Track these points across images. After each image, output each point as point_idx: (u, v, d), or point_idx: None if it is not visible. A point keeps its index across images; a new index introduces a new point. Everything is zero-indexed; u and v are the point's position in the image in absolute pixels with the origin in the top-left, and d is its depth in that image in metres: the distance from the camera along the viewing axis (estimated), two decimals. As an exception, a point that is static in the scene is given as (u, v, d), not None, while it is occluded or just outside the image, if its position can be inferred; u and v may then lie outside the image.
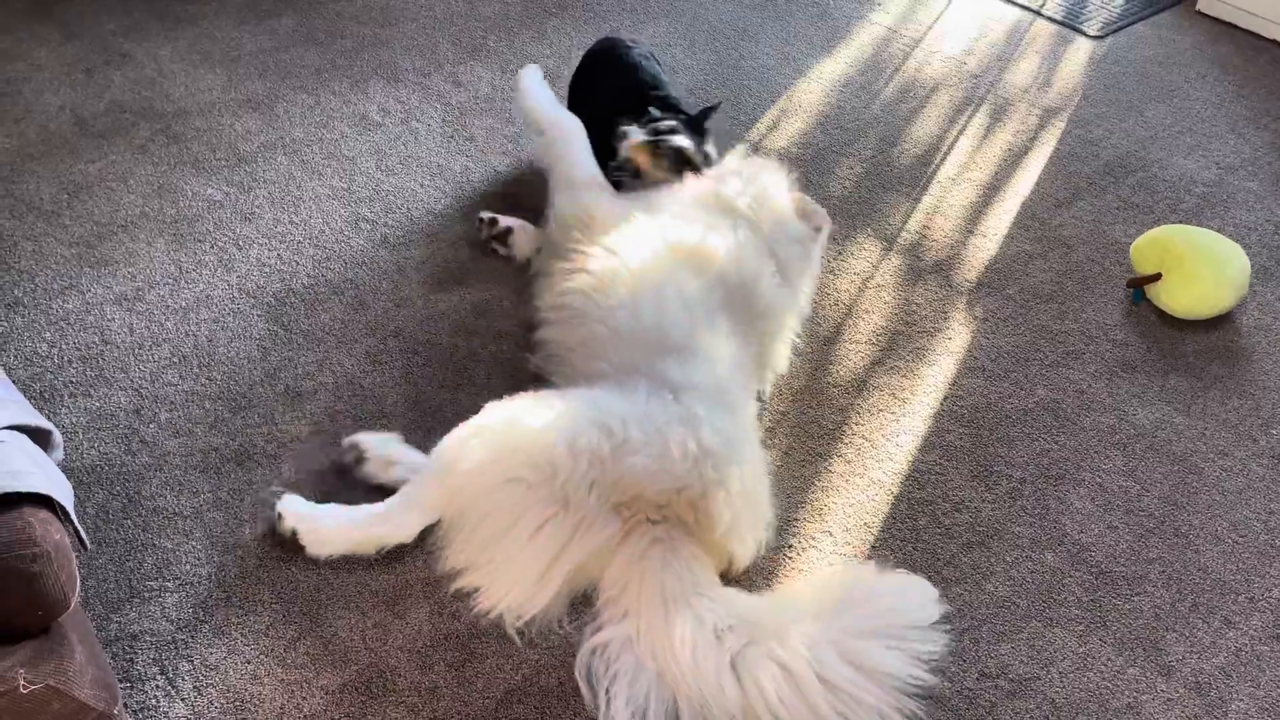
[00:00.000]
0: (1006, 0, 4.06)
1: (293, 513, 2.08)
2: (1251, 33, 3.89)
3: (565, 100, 2.96)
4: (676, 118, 2.67)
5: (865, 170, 3.19)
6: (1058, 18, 3.95)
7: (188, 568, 2.08)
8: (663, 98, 2.77)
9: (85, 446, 2.28)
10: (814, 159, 3.21)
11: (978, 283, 2.84)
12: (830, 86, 3.53)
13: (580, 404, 2.01)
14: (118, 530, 2.14)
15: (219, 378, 2.44)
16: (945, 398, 2.52)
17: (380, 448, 2.19)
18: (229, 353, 2.50)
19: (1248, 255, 2.75)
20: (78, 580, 1.57)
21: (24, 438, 1.70)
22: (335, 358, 2.50)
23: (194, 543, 2.12)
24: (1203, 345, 2.69)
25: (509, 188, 3.01)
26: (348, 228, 2.85)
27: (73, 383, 2.41)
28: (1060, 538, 2.24)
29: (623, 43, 2.98)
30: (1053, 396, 2.54)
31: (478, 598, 1.98)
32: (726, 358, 2.20)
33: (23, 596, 1.50)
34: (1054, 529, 2.25)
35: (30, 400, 2.12)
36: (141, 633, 1.97)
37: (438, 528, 2.06)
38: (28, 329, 2.53)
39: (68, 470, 2.14)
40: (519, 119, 2.73)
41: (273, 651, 1.96)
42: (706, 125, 2.71)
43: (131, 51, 3.47)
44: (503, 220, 2.74)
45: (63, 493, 1.64)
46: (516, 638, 1.97)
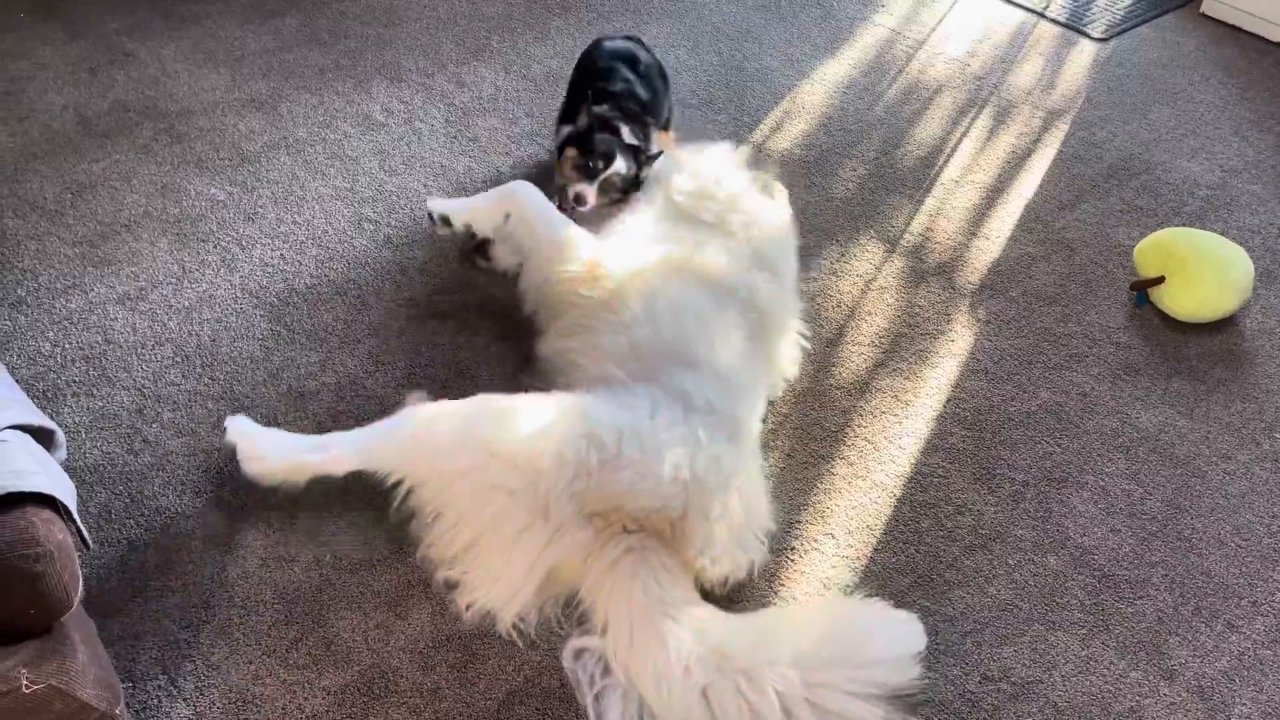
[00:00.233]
0: (1010, 2, 4.05)
1: (237, 429, 2.13)
2: (1256, 35, 3.89)
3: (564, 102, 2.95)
4: (615, 141, 2.63)
5: (868, 172, 3.18)
6: (1061, 20, 3.95)
7: (190, 567, 2.08)
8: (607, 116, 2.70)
9: (88, 446, 2.28)
10: (817, 160, 3.21)
11: (980, 285, 2.83)
12: (833, 88, 3.53)
13: (575, 413, 2.00)
14: (120, 530, 2.14)
15: (222, 377, 2.45)
16: (948, 400, 2.52)
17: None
18: (232, 353, 2.50)
19: (1251, 258, 2.75)
20: (80, 580, 1.57)
21: (27, 437, 1.70)
22: (338, 358, 2.50)
23: (196, 542, 2.12)
24: (1206, 348, 2.69)
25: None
26: (351, 228, 2.86)
27: (75, 382, 2.41)
28: (1063, 541, 2.24)
29: (609, 48, 2.95)
30: (1055, 399, 2.54)
31: (459, 594, 1.99)
32: (740, 377, 2.20)
33: (25, 596, 1.50)
34: (1056, 532, 2.25)
35: (33, 399, 2.13)
36: (144, 632, 1.97)
37: (417, 518, 2.05)
38: (31, 328, 2.53)
39: (70, 470, 2.14)
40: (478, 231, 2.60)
41: (275, 652, 1.96)
42: (644, 155, 2.68)
43: (135, 51, 3.47)
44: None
45: (66, 492, 1.64)
46: (517, 639, 1.97)
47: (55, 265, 2.70)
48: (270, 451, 2.11)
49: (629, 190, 2.66)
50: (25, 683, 1.47)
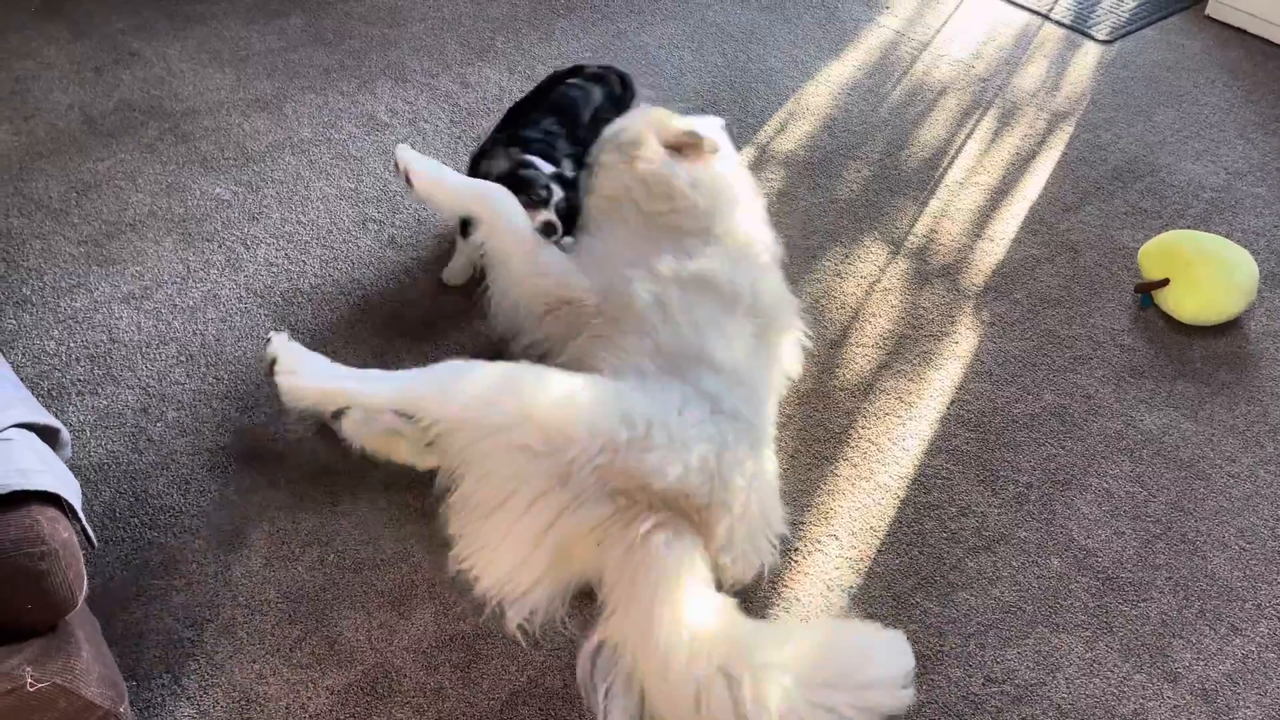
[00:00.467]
0: (1015, 4, 4.05)
1: (280, 341, 2.18)
2: (1261, 38, 3.88)
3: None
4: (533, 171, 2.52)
5: (872, 173, 3.18)
6: (1066, 22, 3.95)
7: (194, 566, 2.08)
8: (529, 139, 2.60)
9: (93, 445, 2.29)
10: (821, 162, 3.21)
11: (985, 287, 2.83)
12: (838, 89, 3.53)
13: (609, 391, 2.01)
14: (124, 529, 2.14)
15: (226, 377, 2.45)
16: (952, 402, 2.52)
17: None
18: (236, 352, 2.51)
19: (1256, 261, 2.75)
20: (85, 578, 1.58)
21: (32, 436, 1.70)
22: (342, 357, 2.48)
23: (201, 541, 2.12)
24: (1210, 351, 2.68)
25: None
26: (355, 228, 2.86)
27: (80, 381, 2.42)
28: (1067, 543, 2.24)
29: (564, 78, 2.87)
30: (1060, 401, 2.53)
31: (467, 566, 1.98)
32: (761, 386, 2.20)
33: (30, 594, 1.50)
34: (1060, 534, 2.25)
35: (38, 398, 2.13)
36: (148, 631, 1.98)
37: (440, 469, 2.05)
38: (36, 327, 2.54)
39: (75, 468, 2.15)
40: (431, 209, 2.49)
41: (278, 651, 1.96)
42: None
43: (140, 50, 3.48)
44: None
45: (70, 491, 1.64)
46: (522, 639, 1.97)
47: (60, 264, 2.70)
48: (309, 369, 2.12)
49: (572, 217, 2.53)
50: (30, 681, 1.48)
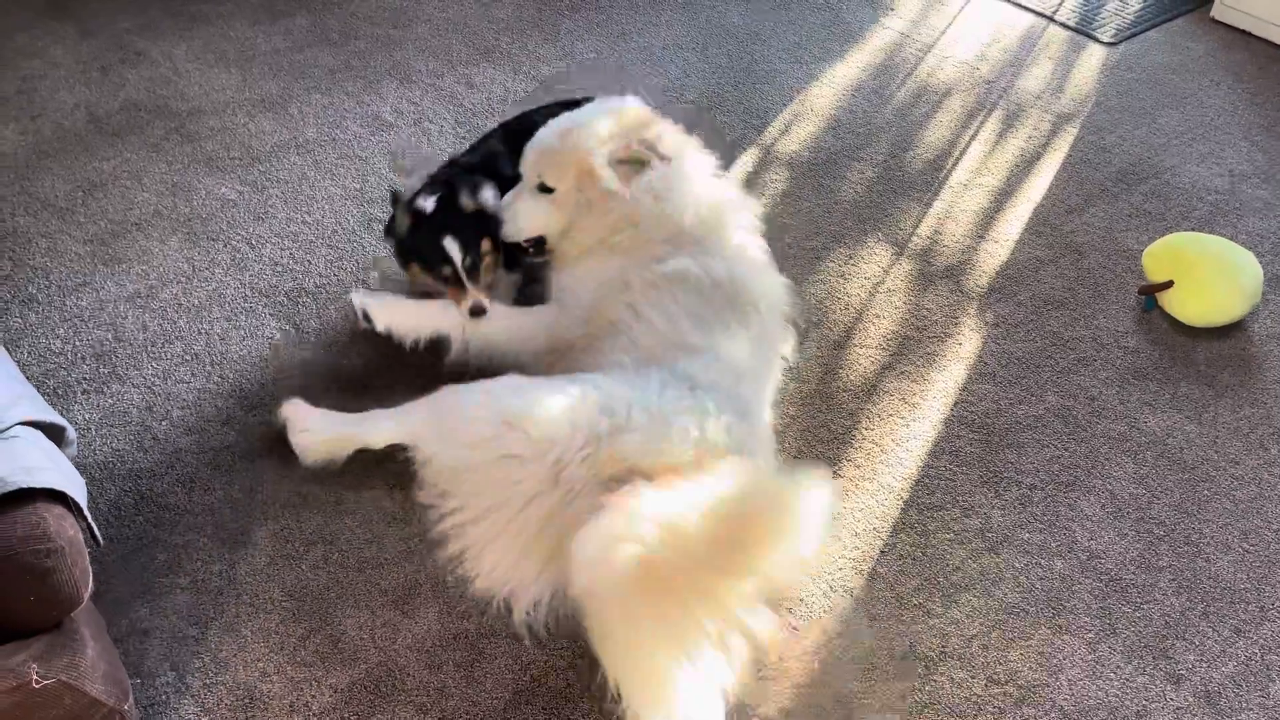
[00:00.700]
0: (1019, 6, 4.05)
1: (289, 408, 2.25)
2: (1266, 40, 3.88)
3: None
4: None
5: (877, 175, 3.19)
6: (1071, 24, 3.95)
7: (199, 565, 2.09)
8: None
9: (98, 443, 2.29)
10: (825, 163, 3.21)
11: (989, 288, 2.83)
12: (842, 91, 3.53)
13: (587, 386, 2.02)
14: (129, 527, 2.15)
15: (231, 376, 2.45)
16: (956, 403, 2.52)
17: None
18: (241, 351, 2.51)
19: (1260, 263, 2.74)
20: (90, 575, 1.58)
21: (38, 433, 1.71)
22: (346, 356, 2.50)
23: (205, 540, 2.13)
24: (1214, 353, 2.68)
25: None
26: (360, 227, 2.86)
27: (86, 379, 2.43)
28: (1070, 545, 2.24)
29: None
30: (1063, 403, 2.53)
31: (466, 566, 1.97)
32: (741, 361, 2.19)
33: (36, 591, 1.51)
34: (1064, 536, 2.25)
35: (44, 396, 2.13)
36: (152, 629, 1.98)
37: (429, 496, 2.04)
38: (42, 325, 2.54)
39: (80, 466, 2.15)
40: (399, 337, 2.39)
41: (282, 649, 1.96)
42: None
43: (147, 50, 3.49)
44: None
45: (76, 488, 1.65)
46: (526, 636, 1.96)
47: (66, 263, 2.71)
48: (317, 425, 2.21)
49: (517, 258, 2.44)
50: (35, 677, 1.48)
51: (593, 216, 2.34)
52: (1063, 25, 3.95)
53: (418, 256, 2.37)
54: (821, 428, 2.44)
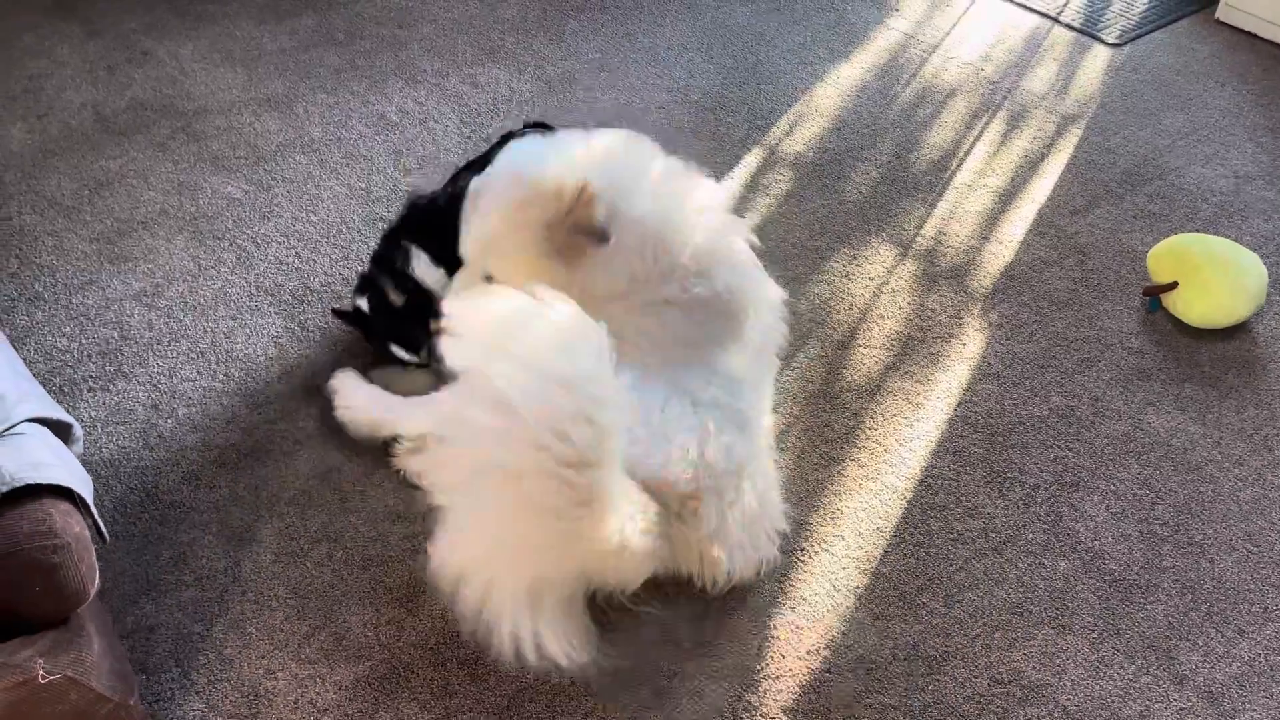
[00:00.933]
0: (1024, 7, 4.05)
1: (339, 380, 2.32)
2: (1271, 42, 3.88)
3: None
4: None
5: (881, 175, 3.19)
6: (1076, 25, 3.95)
7: (204, 562, 2.10)
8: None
9: (104, 441, 2.30)
10: (830, 163, 3.22)
11: (993, 289, 2.83)
12: (847, 91, 3.53)
13: None
14: (135, 524, 2.15)
15: (236, 374, 2.46)
16: (959, 403, 2.52)
17: None
18: (246, 350, 2.52)
19: (1265, 265, 2.74)
20: (97, 571, 1.59)
21: (46, 430, 1.72)
22: (352, 355, 2.51)
23: (210, 537, 2.14)
24: (1219, 354, 2.68)
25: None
26: (365, 227, 2.87)
27: (92, 377, 2.44)
28: (1073, 545, 2.24)
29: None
30: (1067, 404, 2.53)
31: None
32: (736, 371, 2.18)
33: (43, 587, 1.52)
34: (1067, 536, 2.25)
35: (50, 393, 2.14)
36: (158, 625, 1.99)
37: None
38: (48, 323, 2.55)
39: (86, 464, 2.16)
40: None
41: (287, 646, 1.97)
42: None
43: (153, 49, 3.50)
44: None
45: (83, 485, 1.66)
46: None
47: (73, 261, 2.72)
48: (360, 403, 2.27)
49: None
50: (41, 673, 1.49)
51: (572, 287, 2.06)
52: (1068, 26, 3.95)
53: (384, 355, 2.39)
54: (825, 427, 2.45)
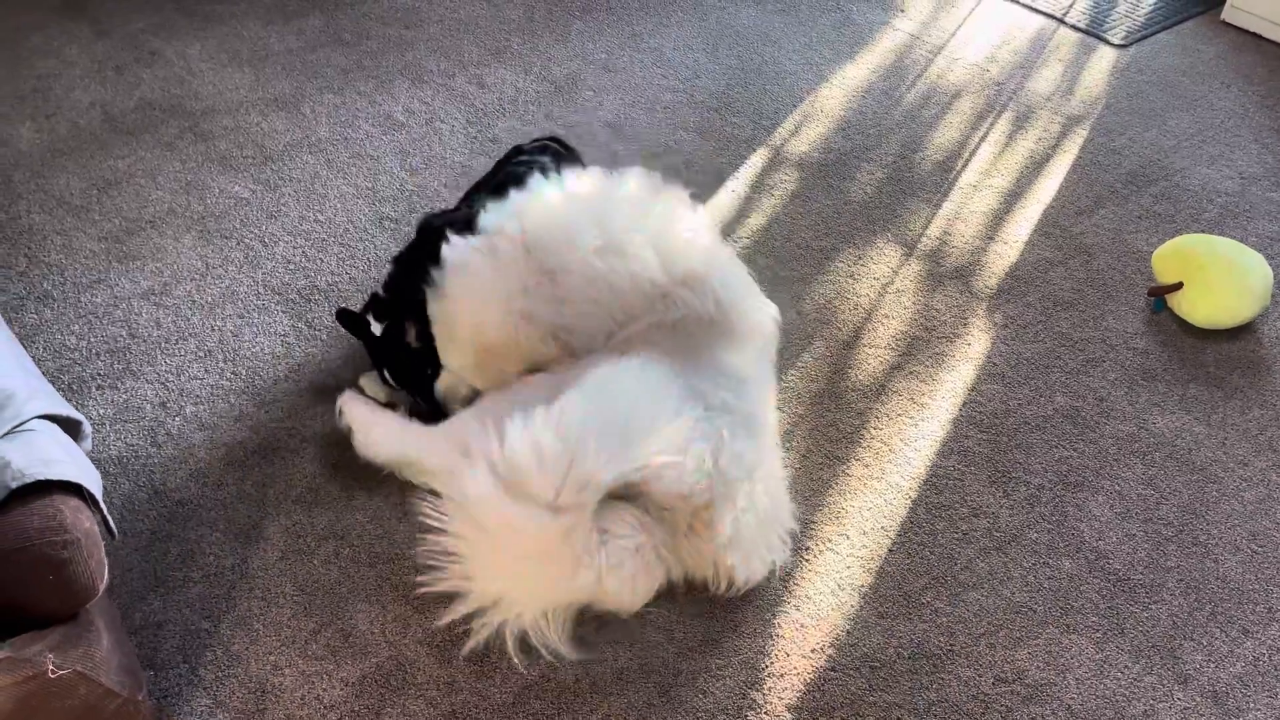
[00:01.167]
0: (1029, 8, 4.05)
1: (350, 410, 2.24)
2: (1276, 43, 3.88)
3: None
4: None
5: (886, 176, 3.19)
6: (1081, 25, 3.95)
7: (211, 559, 2.11)
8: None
9: (112, 438, 2.31)
10: (835, 164, 3.22)
11: (998, 289, 2.84)
12: (852, 92, 3.54)
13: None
14: (143, 521, 2.16)
15: (243, 372, 2.47)
16: (964, 403, 2.53)
17: None
18: (253, 348, 2.53)
19: (1270, 266, 2.74)
20: (106, 567, 1.60)
21: (55, 427, 1.73)
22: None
23: (218, 534, 2.15)
24: (1223, 355, 2.68)
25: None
26: (372, 226, 2.88)
27: (100, 375, 2.45)
28: (1078, 545, 2.24)
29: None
30: (1072, 404, 2.54)
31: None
32: (740, 370, 2.18)
33: (53, 582, 1.52)
34: (1072, 536, 2.25)
35: (59, 391, 2.16)
36: (166, 621, 2.00)
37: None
38: (57, 321, 2.57)
39: (95, 461, 2.18)
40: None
41: (294, 642, 1.98)
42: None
43: (161, 50, 3.52)
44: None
45: (92, 481, 1.67)
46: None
47: (81, 260, 2.74)
48: (380, 438, 2.20)
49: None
50: (51, 667, 1.50)
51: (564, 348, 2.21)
52: (1073, 27, 3.95)
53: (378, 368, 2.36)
54: (830, 427, 2.45)
